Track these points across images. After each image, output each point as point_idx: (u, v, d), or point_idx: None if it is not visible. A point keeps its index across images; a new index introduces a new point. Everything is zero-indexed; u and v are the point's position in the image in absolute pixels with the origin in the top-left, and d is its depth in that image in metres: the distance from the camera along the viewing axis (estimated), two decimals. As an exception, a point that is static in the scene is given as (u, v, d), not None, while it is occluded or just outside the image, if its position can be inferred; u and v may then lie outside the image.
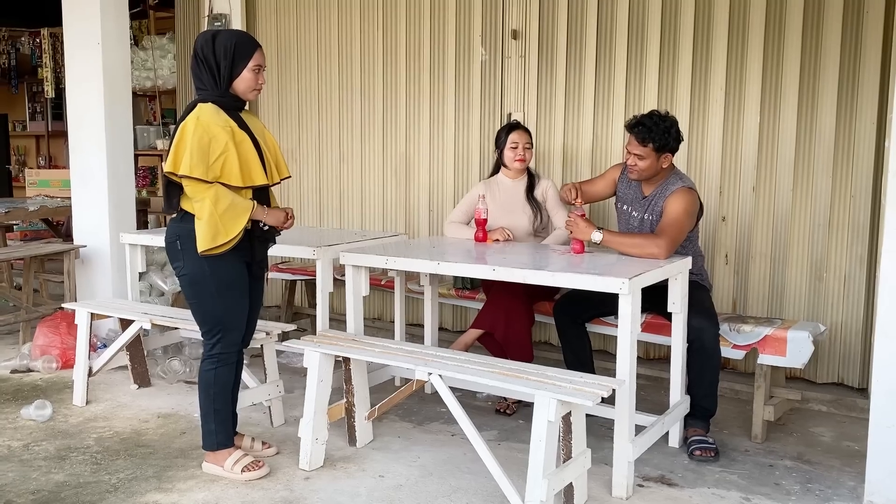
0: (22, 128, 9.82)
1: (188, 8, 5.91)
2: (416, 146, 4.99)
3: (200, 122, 2.74)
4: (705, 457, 3.15)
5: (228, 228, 2.77)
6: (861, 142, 3.72)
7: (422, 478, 2.98)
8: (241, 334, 2.98)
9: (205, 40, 2.82)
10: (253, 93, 2.90)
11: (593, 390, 2.54)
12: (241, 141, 2.82)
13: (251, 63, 2.84)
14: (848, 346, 3.85)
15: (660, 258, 3.16)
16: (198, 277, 2.84)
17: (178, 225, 2.86)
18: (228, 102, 2.85)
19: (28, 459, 3.15)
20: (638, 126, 3.28)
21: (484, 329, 3.60)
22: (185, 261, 2.85)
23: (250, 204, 2.83)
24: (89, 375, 3.83)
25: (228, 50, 2.80)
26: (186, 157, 2.71)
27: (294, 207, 5.49)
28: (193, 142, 2.71)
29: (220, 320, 2.90)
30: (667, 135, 3.25)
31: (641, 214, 3.42)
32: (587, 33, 4.33)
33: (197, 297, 2.89)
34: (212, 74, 2.82)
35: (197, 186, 2.74)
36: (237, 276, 2.90)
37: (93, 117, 4.69)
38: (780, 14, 3.85)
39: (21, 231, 7.69)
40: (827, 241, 3.84)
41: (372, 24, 5.07)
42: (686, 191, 3.30)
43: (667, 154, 3.31)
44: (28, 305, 4.72)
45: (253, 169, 2.84)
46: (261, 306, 3.15)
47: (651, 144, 3.25)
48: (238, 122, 2.86)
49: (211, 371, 2.92)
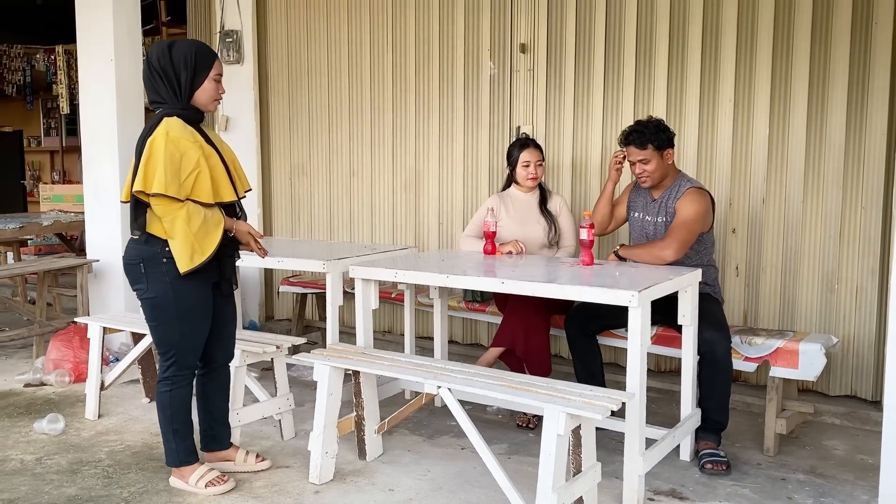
0: (37, 143, 9.93)
1: (200, 25, 5.97)
2: (425, 160, 5.01)
3: (170, 137, 2.67)
4: (716, 470, 3.13)
5: (205, 246, 2.73)
6: (871, 153, 3.71)
7: (431, 491, 2.98)
8: (196, 358, 2.95)
9: (161, 51, 2.74)
10: (214, 103, 2.85)
11: (603, 403, 2.53)
12: (210, 155, 2.77)
13: (212, 73, 2.79)
14: (861, 358, 3.82)
15: (668, 259, 3.20)
16: (161, 302, 2.79)
17: (141, 247, 2.78)
18: (191, 115, 2.79)
19: (41, 473, 3.17)
20: (632, 134, 3.41)
21: (504, 346, 3.57)
22: (148, 284, 2.78)
23: (221, 217, 2.80)
24: (101, 389, 3.86)
25: (189, 60, 2.73)
26: (160, 175, 2.61)
27: (305, 221, 5.56)
28: (165, 158, 2.62)
29: (175, 344, 2.86)
30: (659, 132, 3.38)
31: (654, 218, 3.46)
32: (595, 46, 4.35)
33: (157, 320, 2.84)
34: (171, 86, 2.74)
35: (169, 206, 2.67)
36: (201, 301, 2.85)
37: (106, 132, 4.74)
38: (789, 25, 3.85)
39: (35, 245, 7.77)
40: (838, 252, 3.82)
41: (381, 38, 5.11)
42: (696, 191, 3.36)
43: (668, 150, 3.40)
44: (41, 319, 4.76)
45: (222, 185, 2.79)
46: (235, 322, 3.12)
47: (650, 145, 3.36)
48: (203, 135, 2.81)
49: (166, 393, 2.90)
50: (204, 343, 2.94)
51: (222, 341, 3.05)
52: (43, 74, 9.28)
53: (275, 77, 5.61)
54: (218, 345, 3.03)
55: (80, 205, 5.83)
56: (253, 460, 3.16)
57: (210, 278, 2.86)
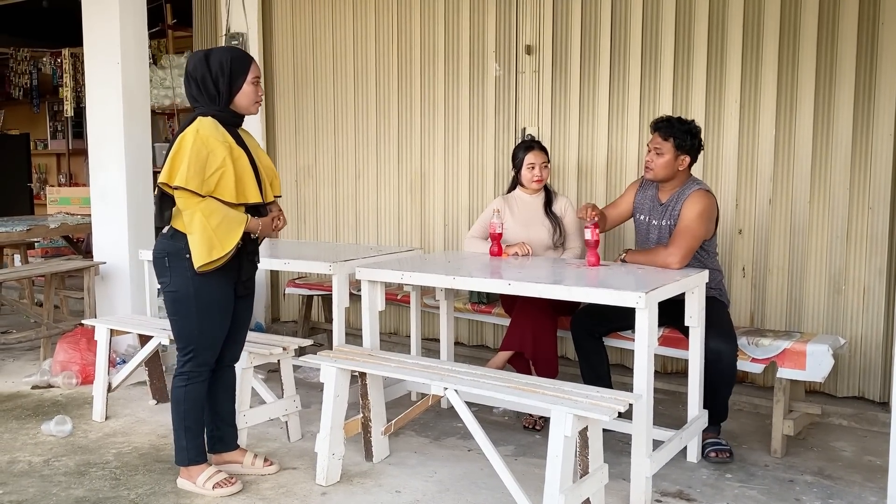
0: (43, 146, 9.96)
1: (206, 27, 5.99)
2: (431, 162, 5.02)
3: (200, 135, 2.74)
4: (721, 458, 3.19)
5: (224, 242, 2.76)
6: (878, 153, 3.70)
7: (438, 493, 2.98)
8: (215, 355, 2.98)
9: (198, 60, 2.82)
10: (255, 105, 2.91)
11: (610, 405, 2.53)
12: (238, 157, 2.81)
13: (250, 76, 2.85)
14: (868, 359, 3.81)
15: (673, 267, 3.18)
16: (182, 295, 2.84)
17: (167, 241, 2.85)
18: (227, 118, 2.85)
19: (48, 475, 3.18)
20: (663, 121, 3.41)
21: (513, 350, 3.57)
22: (171, 278, 2.84)
23: (244, 216, 2.83)
24: (109, 391, 3.87)
25: (225, 66, 2.80)
26: (183, 168, 2.69)
27: (311, 223, 5.56)
28: (192, 154, 2.70)
29: (195, 339, 2.89)
30: (689, 135, 3.36)
31: (659, 221, 3.44)
32: (601, 47, 4.35)
33: (178, 314, 2.89)
34: (209, 94, 2.81)
35: (189, 199, 2.73)
36: (222, 297, 2.89)
37: (112, 135, 4.75)
38: (795, 26, 3.84)
39: (42, 248, 7.79)
40: (845, 253, 3.81)
41: (387, 40, 5.11)
42: (702, 193, 3.33)
43: (685, 156, 3.37)
44: (49, 322, 4.77)
45: (248, 186, 2.83)
46: (249, 323, 3.14)
47: (672, 140, 3.35)
48: (236, 138, 2.85)
49: (181, 388, 2.92)
50: (223, 341, 2.98)
51: (234, 342, 3.08)
52: (49, 77, 9.31)
53: (280, 79, 5.62)
54: (229, 345, 3.05)
55: (86, 207, 5.85)
56: (261, 464, 3.16)
57: (231, 277, 2.90)
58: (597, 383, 3.28)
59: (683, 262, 3.22)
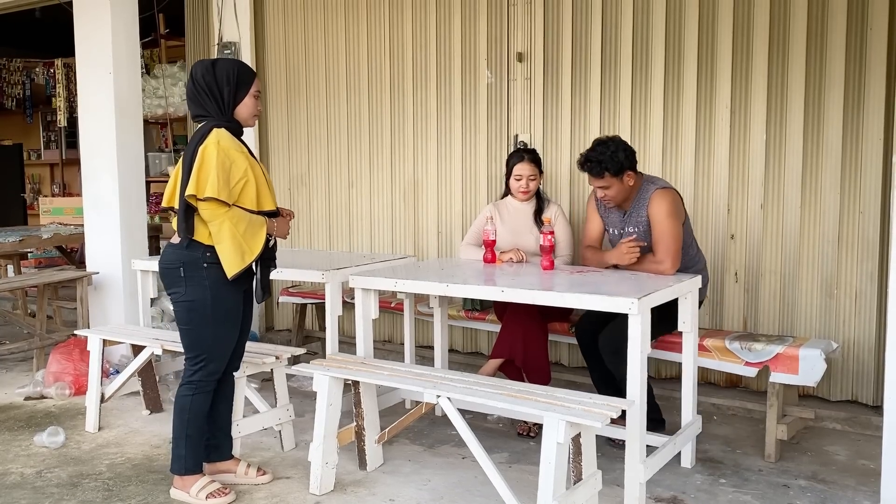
0: (36, 156, 9.94)
1: (198, 37, 5.99)
2: (423, 169, 5.02)
3: (221, 146, 2.79)
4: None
5: (252, 246, 2.84)
6: (868, 158, 3.72)
7: (432, 501, 2.97)
8: (223, 365, 2.99)
9: (205, 68, 2.86)
10: (254, 118, 2.97)
11: (602, 411, 2.53)
12: (254, 166, 2.89)
13: (252, 89, 2.92)
14: (861, 363, 3.82)
15: (668, 273, 3.19)
16: (199, 305, 2.86)
17: (181, 251, 2.86)
18: (235, 128, 2.92)
19: (41, 487, 3.16)
20: (587, 163, 3.35)
21: (503, 357, 3.57)
22: (187, 287, 2.85)
23: (263, 219, 2.91)
24: (102, 401, 3.85)
25: (231, 77, 2.86)
26: (212, 180, 2.74)
27: (304, 231, 5.56)
28: (217, 165, 2.75)
29: (207, 348, 2.91)
30: (615, 158, 3.29)
31: (627, 229, 3.45)
32: (592, 55, 4.36)
33: (191, 323, 2.90)
34: (216, 101, 2.86)
35: (217, 209, 2.77)
36: (235, 306, 2.94)
37: (105, 145, 4.76)
38: (784, 32, 3.86)
39: (35, 258, 7.76)
40: (837, 257, 3.82)
41: (379, 48, 5.12)
42: (661, 192, 3.35)
43: (627, 173, 3.35)
44: (42, 332, 4.76)
45: (263, 194, 2.90)
46: (249, 331, 3.16)
47: (607, 173, 3.31)
48: (246, 148, 2.93)
49: (188, 397, 2.93)
50: (232, 351, 3.00)
51: (238, 350, 3.09)
52: (43, 88, 9.32)
53: (273, 88, 5.62)
54: (233, 353, 3.05)
55: (79, 217, 5.83)
56: (254, 473, 3.15)
57: (243, 285, 2.93)
58: (607, 390, 3.27)
59: (675, 265, 3.23)
